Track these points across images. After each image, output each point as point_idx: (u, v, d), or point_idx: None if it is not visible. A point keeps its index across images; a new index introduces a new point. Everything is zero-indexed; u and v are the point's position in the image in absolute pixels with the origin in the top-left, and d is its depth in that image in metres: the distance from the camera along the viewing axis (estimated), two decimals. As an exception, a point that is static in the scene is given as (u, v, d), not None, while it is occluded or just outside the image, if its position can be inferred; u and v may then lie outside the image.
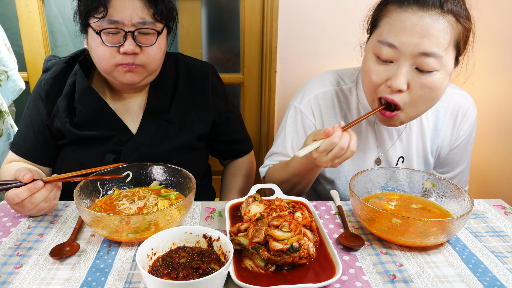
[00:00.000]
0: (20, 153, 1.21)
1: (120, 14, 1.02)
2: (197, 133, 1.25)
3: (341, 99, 1.19)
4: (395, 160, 1.21)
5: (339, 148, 0.93)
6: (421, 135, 1.21)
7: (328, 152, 0.94)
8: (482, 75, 1.75)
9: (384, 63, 0.97)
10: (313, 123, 1.20)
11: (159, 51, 1.10)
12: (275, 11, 1.84)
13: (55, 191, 0.98)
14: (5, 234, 0.94)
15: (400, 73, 0.94)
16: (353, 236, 0.92)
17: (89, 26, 1.06)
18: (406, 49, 0.92)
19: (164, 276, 0.75)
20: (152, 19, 1.06)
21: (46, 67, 1.23)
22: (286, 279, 0.78)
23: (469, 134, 1.23)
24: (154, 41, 1.08)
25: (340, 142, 0.93)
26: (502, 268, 0.83)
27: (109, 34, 1.04)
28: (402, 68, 0.94)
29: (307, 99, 1.20)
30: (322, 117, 1.20)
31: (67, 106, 1.16)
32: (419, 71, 0.94)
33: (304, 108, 1.20)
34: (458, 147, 1.23)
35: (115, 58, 1.06)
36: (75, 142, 1.18)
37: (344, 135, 0.94)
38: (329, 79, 1.22)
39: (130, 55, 1.06)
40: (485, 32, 1.72)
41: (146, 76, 1.12)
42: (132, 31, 1.04)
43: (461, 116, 1.20)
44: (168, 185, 1.08)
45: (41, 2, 1.83)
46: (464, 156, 1.26)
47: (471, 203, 0.89)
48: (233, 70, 2.06)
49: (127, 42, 1.04)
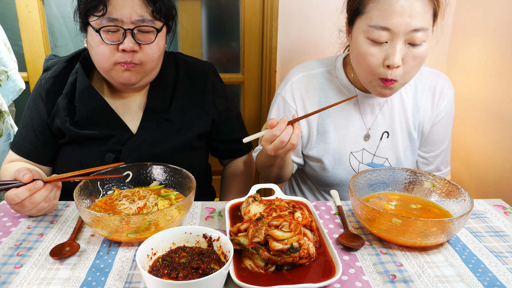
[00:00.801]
0: (21, 152, 1.21)
1: (119, 11, 1.03)
2: (197, 132, 1.25)
3: (321, 81, 1.26)
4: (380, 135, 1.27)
5: (279, 140, 1.00)
6: (403, 110, 1.27)
7: (270, 142, 1.02)
8: (482, 75, 1.75)
9: (378, 44, 1.04)
10: (294, 108, 1.27)
11: (157, 49, 1.11)
12: (275, 11, 1.84)
13: (55, 191, 0.98)
14: (5, 234, 0.94)
15: (396, 51, 1.01)
16: (353, 236, 0.92)
17: (88, 24, 1.07)
18: (399, 29, 1.00)
19: (164, 276, 0.75)
20: (151, 17, 1.07)
21: (46, 66, 1.23)
22: (286, 279, 0.78)
23: (448, 111, 1.28)
24: (153, 39, 1.08)
25: (281, 135, 1.00)
26: (502, 268, 0.83)
27: (109, 32, 1.05)
28: (397, 46, 1.01)
29: (288, 85, 1.27)
30: (303, 100, 1.26)
31: (67, 105, 1.16)
32: (411, 45, 1.03)
33: (285, 94, 1.27)
34: (439, 123, 1.29)
35: (114, 56, 1.06)
36: (75, 141, 1.19)
37: (287, 128, 1.00)
38: (308, 64, 1.30)
39: (129, 53, 1.06)
40: (485, 32, 1.72)
41: (143, 76, 1.13)
42: (132, 29, 1.04)
43: (438, 92, 1.26)
44: (168, 185, 1.08)
45: (41, 2, 1.83)
46: (445, 134, 1.32)
47: (471, 203, 0.89)
48: (233, 70, 2.06)
49: (126, 39, 1.04)
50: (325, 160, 1.27)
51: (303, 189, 1.46)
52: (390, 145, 1.26)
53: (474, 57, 1.80)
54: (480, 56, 1.76)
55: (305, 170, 1.39)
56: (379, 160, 1.27)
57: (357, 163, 1.27)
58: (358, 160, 1.26)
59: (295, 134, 1.01)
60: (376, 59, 1.04)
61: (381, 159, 1.27)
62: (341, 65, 1.25)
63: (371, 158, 1.26)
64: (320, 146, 1.27)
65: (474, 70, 1.80)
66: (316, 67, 1.28)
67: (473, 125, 1.83)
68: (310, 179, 1.40)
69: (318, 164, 1.30)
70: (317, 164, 1.30)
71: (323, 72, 1.26)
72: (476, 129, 1.78)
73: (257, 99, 2.07)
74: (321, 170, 1.30)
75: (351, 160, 1.26)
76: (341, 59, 1.26)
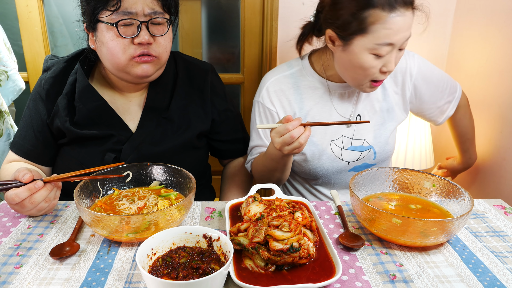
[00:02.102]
0: (20, 152, 1.21)
1: (133, 6, 1.04)
2: (197, 132, 1.25)
3: (293, 80, 1.33)
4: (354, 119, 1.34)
5: (290, 135, 1.04)
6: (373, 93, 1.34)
7: (280, 136, 1.06)
8: (482, 75, 1.75)
9: (381, 57, 1.12)
10: (274, 110, 1.32)
11: (169, 41, 1.13)
12: (275, 11, 1.84)
13: (55, 191, 0.98)
14: (5, 234, 0.94)
15: (392, 60, 1.13)
16: (353, 236, 0.92)
17: (98, 22, 1.07)
18: (401, 42, 1.11)
19: (164, 276, 0.75)
20: (162, 10, 1.09)
21: (46, 67, 1.23)
22: (286, 279, 0.78)
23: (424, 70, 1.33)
24: (166, 30, 1.10)
25: (293, 131, 1.04)
26: (502, 268, 0.83)
27: (122, 27, 1.06)
28: (393, 55, 1.13)
29: (264, 90, 1.33)
30: (281, 100, 1.32)
31: (67, 105, 1.16)
32: (400, 50, 1.14)
33: (263, 99, 1.33)
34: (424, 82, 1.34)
35: (129, 50, 1.07)
36: (75, 141, 1.18)
37: (299, 127, 1.05)
38: (278, 68, 1.37)
39: (145, 45, 1.07)
40: (486, 32, 1.72)
41: (158, 68, 1.14)
42: (146, 21, 1.06)
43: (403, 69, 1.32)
44: (168, 185, 1.08)
45: (41, 2, 1.83)
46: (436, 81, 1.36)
47: (471, 203, 0.89)
48: (233, 70, 2.06)
49: (142, 32, 1.06)
50: (308, 152, 1.33)
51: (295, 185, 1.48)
52: (364, 126, 1.33)
53: (474, 57, 1.80)
54: (480, 56, 1.76)
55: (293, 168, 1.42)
56: (357, 142, 1.33)
57: (339, 149, 1.33)
58: (339, 146, 1.32)
59: (305, 135, 1.06)
60: (376, 69, 1.14)
61: (359, 141, 1.33)
62: (308, 64, 1.32)
63: (350, 142, 1.32)
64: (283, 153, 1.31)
65: (474, 70, 1.80)
66: (286, 69, 1.35)
67: (473, 125, 1.83)
68: (299, 175, 1.43)
69: (303, 157, 1.35)
70: (301, 157, 1.35)
71: (294, 72, 1.34)
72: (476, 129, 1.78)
73: (257, 99, 2.06)
74: (306, 162, 1.34)
75: (333, 148, 1.32)
76: (307, 59, 1.34)
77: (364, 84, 1.19)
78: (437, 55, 2.00)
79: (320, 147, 1.32)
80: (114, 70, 1.12)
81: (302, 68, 1.34)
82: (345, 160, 1.33)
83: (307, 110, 1.32)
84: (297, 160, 1.36)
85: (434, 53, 1.99)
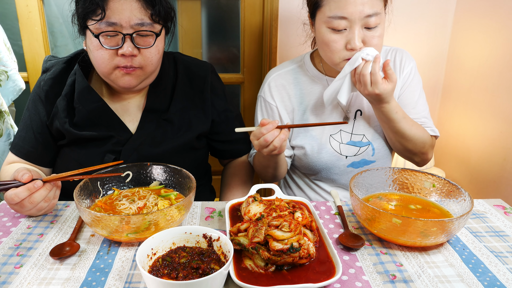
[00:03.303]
0: (20, 154, 1.21)
1: (117, 16, 1.02)
2: (197, 133, 1.25)
3: (294, 76, 1.37)
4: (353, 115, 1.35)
5: (264, 139, 1.07)
6: None
7: (257, 139, 1.10)
8: (483, 75, 1.75)
9: (338, 32, 1.15)
10: (274, 105, 1.36)
11: (156, 53, 1.11)
12: (275, 11, 1.84)
13: (54, 190, 0.98)
14: (5, 234, 0.94)
15: (354, 36, 1.14)
16: (353, 236, 0.92)
17: (87, 28, 1.06)
18: (355, 17, 1.12)
19: (164, 276, 0.75)
20: (150, 20, 1.06)
21: (45, 68, 1.23)
22: (286, 279, 0.78)
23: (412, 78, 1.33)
24: (152, 43, 1.08)
25: (266, 135, 1.07)
26: (502, 268, 0.83)
27: (108, 37, 1.05)
28: (355, 31, 1.13)
29: (266, 85, 1.38)
30: (281, 95, 1.36)
31: (66, 106, 1.16)
32: (367, 29, 1.15)
33: (265, 94, 1.38)
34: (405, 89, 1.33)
35: (113, 61, 1.06)
36: (75, 143, 1.18)
37: (274, 130, 1.08)
38: (281, 65, 1.42)
39: (128, 57, 1.06)
40: (486, 32, 1.72)
41: (143, 79, 1.13)
42: (131, 34, 1.04)
43: (397, 64, 1.33)
44: (168, 185, 1.08)
45: (41, 2, 1.83)
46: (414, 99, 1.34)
47: (471, 203, 0.89)
48: (233, 70, 2.06)
49: (126, 44, 1.04)
50: (307, 146, 1.34)
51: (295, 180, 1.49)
52: (365, 122, 1.34)
53: (474, 57, 1.80)
54: (480, 56, 1.76)
55: (293, 162, 1.44)
56: (357, 138, 1.34)
57: (337, 144, 1.34)
58: (337, 141, 1.34)
59: (279, 138, 1.08)
60: (338, 44, 1.16)
61: (359, 136, 1.33)
62: (309, 60, 1.36)
63: (349, 137, 1.33)
64: (302, 135, 1.36)
65: (474, 70, 1.80)
66: (287, 65, 1.40)
67: (473, 125, 1.83)
68: (299, 169, 1.44)
69: (302, 151, 1.36)
70: (301, 151, 1.36)
71: (294, 68, 1.38)
72: (476, 129, 1.78)
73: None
74: (305, 157, 1.36)
75: (332, 142, 1.34)
76: (308, 55, 1.38)
77: (341, 63, 1.19)
78: (437, 55, 2.00)
79: (319, 141, 1.33)
80: (103, 77, 1.14)
81: (303, 63, 1.37)
82: (343, 154, 1.33)
83: (306, 105, 1.34)
84: (297, 154, 1.38)
85: (434, 53, 1.99)
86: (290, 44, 1.90)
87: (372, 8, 1.12)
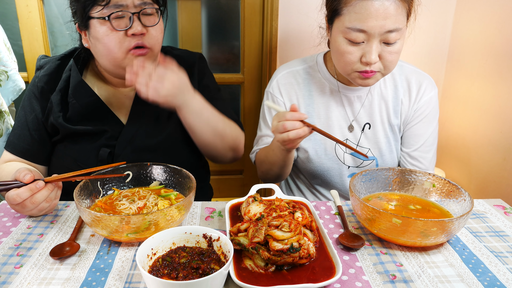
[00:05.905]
0: (16, 151, 1.21)
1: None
2: None
3: (304, 76, 1.34)
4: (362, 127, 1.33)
5: (282, 124, 1.03)
6: (384, 102, 1.32)
7: (278, 121, 1.05)
8: (483, 75, 1.75)
9: (356, 44, 1.11)
10: (281, 100, 1.34)
11: (161, 32, 1.14)
12: (275, 11, 1.84)
13: (55, 190, 0.98)
14: (5, 234, 0.94)
15: (371, 50, 1.09)
16: (353, 236, 0.92)
17: (90, 19, 1.07)
18: (374, 31, 1.07)
19: (164, 276, 0.75)
20: (151, 0, 1.10)
21: (39, 65, 1.24)
22: (286, 279, 0.78)
23: (430, 109, 1.30)
24: (157, 20, 1.11)
25: (287, 122, 1.03)
26: (502, 268, 0.83)
27: (115, 20, 1.06)
28: (373, 46, 1.09)
29: (274, 81, 1.36)
30: (289, 93, 1.34)
31: (60, 100, 1.17)
32: (386, 44, 1.10)
33: (273, 89, 1.35)
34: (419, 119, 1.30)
35: (125, 43, 1.07)
36: (68, 137, 1.18)
37: (296, 122, 1.03)
38: (292, 63, 1.39)
39: (138, 36, 1.08)
40: (485, 32, 1.72)
41: (152, 61, 1.14)
42: (138, 12, 1.07)
43: (417, 88, 1.29)
44: (168, 185, 1.08)
45: (41, 2, 1.83)
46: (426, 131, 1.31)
47: (471, 203, 0.89)
48: (233, 70, 2.05)
49: (135, 23, 1.07)
50: (310, 150, 1.33)
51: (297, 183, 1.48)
52: (372, 136, 1.32)
53: (474, 57, 1.80)
54: (480, 56, 1.76)
55: (296, 164, 1.43)
56: (363, 151, 1.32)
57: (342, 152, 1.33)
58: (342, 149, 1.32)
59: (297, 131, 1.03)
60: (353, 56, 1.12)
61: (364, 150, 1.32)
62: (322, 61, 1.32)
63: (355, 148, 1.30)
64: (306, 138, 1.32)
65: (474, 70, 1.80)
66: (299, 64, 1.36)
67: (473, 125, 1.83)
68: (302, 172, 1.44)
69: (306, 155, 1.35)
70: (305, 155, 1.35)
71: (306, 68, 1.34)
72: (476, 129, 1.78)
73: (257, 99, 2.06)
74: (308, 160, 1.35)
75: (337, 150, 1.32)
76: (322, 55, 1.34)
77: (352, 74, 1.16)
78: (437, 55, 2.00)
79: (323, 146, 1.32)
80: (111, 67, 1.13)
81: (316, 64, 1.34)
82: (346, 164, 1.33)
83: (314, 107, 1.32)
84: (301, 157, 1.37)
85: (434, 52, 1.99)
86: (291, 44, 1.90)
87: (394, 24, 1.06)
